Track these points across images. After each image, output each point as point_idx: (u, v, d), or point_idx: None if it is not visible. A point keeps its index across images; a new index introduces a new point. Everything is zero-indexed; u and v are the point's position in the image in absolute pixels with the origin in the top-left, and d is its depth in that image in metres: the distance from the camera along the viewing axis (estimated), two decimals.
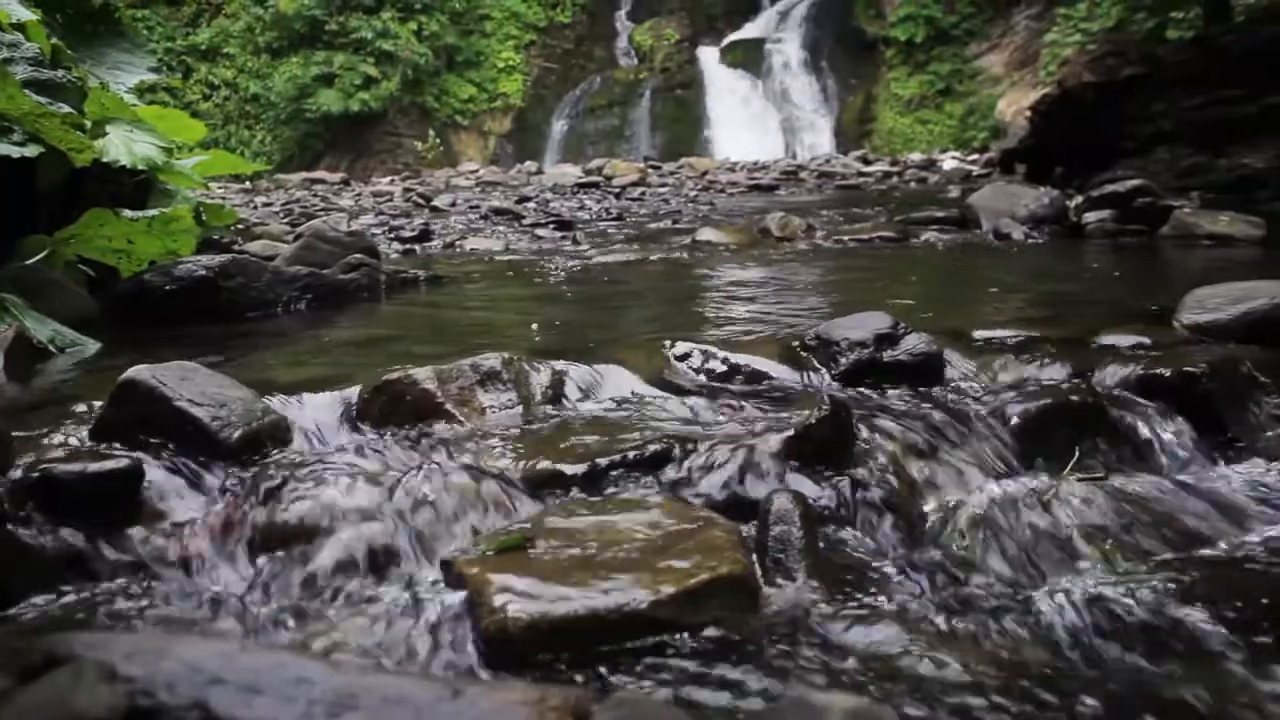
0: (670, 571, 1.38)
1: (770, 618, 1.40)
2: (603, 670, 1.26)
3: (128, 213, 3.60)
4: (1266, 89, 7.90)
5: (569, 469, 1.80)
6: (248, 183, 20.38)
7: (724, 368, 2.44)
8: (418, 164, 29.16)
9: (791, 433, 1.82)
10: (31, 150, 3.26)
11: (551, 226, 8.23)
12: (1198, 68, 8.59)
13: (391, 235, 7.70)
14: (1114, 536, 1.71)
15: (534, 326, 3.40)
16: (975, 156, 20.73)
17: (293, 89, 30.32)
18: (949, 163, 19.95)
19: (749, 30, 32.74)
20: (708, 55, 31.66)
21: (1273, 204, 7.20)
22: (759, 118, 29.54)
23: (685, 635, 1.32)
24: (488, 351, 2.35)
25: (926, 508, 1.81)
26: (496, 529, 1.64)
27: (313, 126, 30.94)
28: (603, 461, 1.81)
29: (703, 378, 2.43)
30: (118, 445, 1.88)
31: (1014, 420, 2.08)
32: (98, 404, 2.04)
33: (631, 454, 1.83)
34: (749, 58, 31.10)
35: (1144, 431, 2.11)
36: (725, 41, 32.22)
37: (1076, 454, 1.99)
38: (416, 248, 6.98)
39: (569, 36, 34.15)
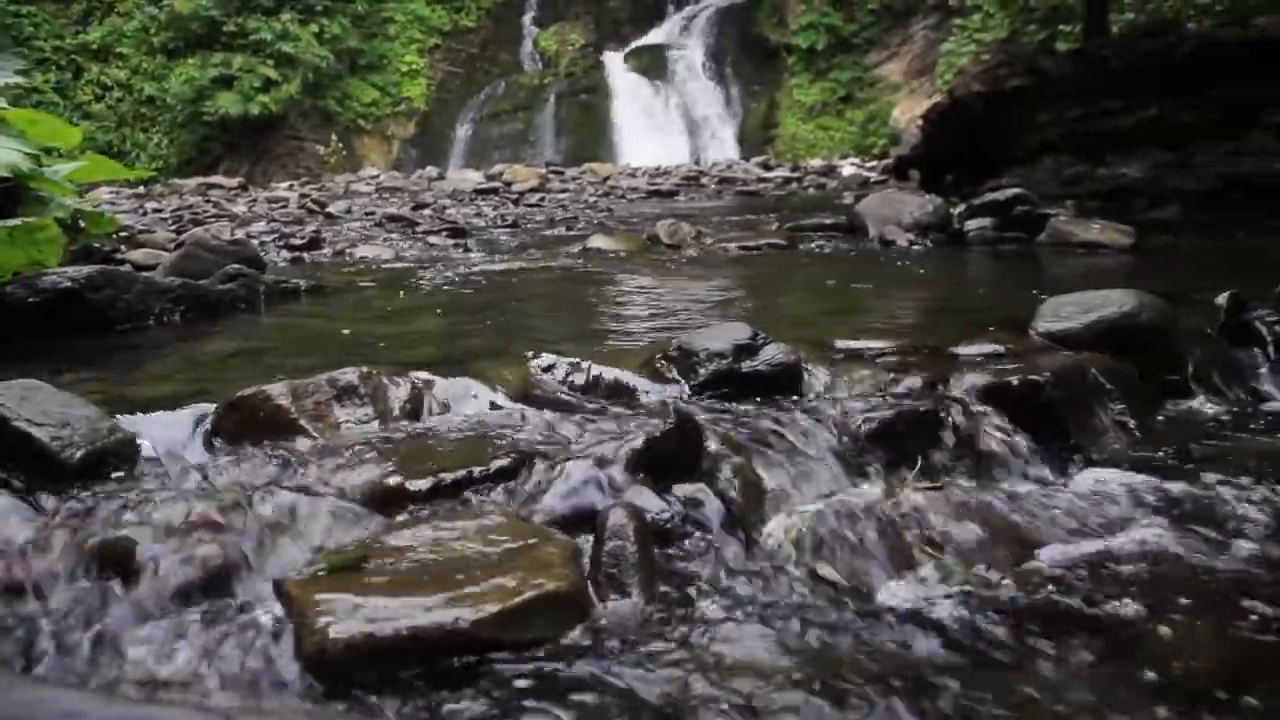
0: (497, 589, 1.38)
1: (598, 634, 1.41)
2: (420, 690, 1.26)
3: None
4: (1142, 102, 8.15)
5: (414, 485, 1.80)
6: (141, 188, 19.89)
7: (586, 380, 2.46)
8: (320, 168, 28.75)
9: (637, 446, 1.84)
10: None
11: (445, 234, 8.18)
12: (1080, 80, 8.83)
13: (281, 243, 7.58)
14: (946, 544, 1.75)
15: (409, 338, 3.38)
16: (874, 163, 21.06)
17: (190, 91, 29.64)
18: (848, 169, 20.26)
19: (654, 36, 32.87)
20: (613, 61, 31.69)
21: (1149, 212, 7.44)
22: (664, 123, 29.63)
23: (507, 654, 1.33)
24: (358, 364, 2.34)
25: (770, 518, 1.84)
26: (333, 548, 1.63)
27: (211, 130, 30.29)
28: (448, 477, 1.81)
29: (565, 390, 2.44)
30: None
31: (862, 430, 2.13)
32: None
33: (478, 470, 1.84)
34: (654, 63, 31.21)
35: (987, 440, 2.17)
36: (630, 47, 32.30)
37: (919, 463, 2.05)
38: (305, 256, 6.89)
39: (474, 41, 33.93)
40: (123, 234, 6.65)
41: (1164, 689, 1.33)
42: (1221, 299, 3.06)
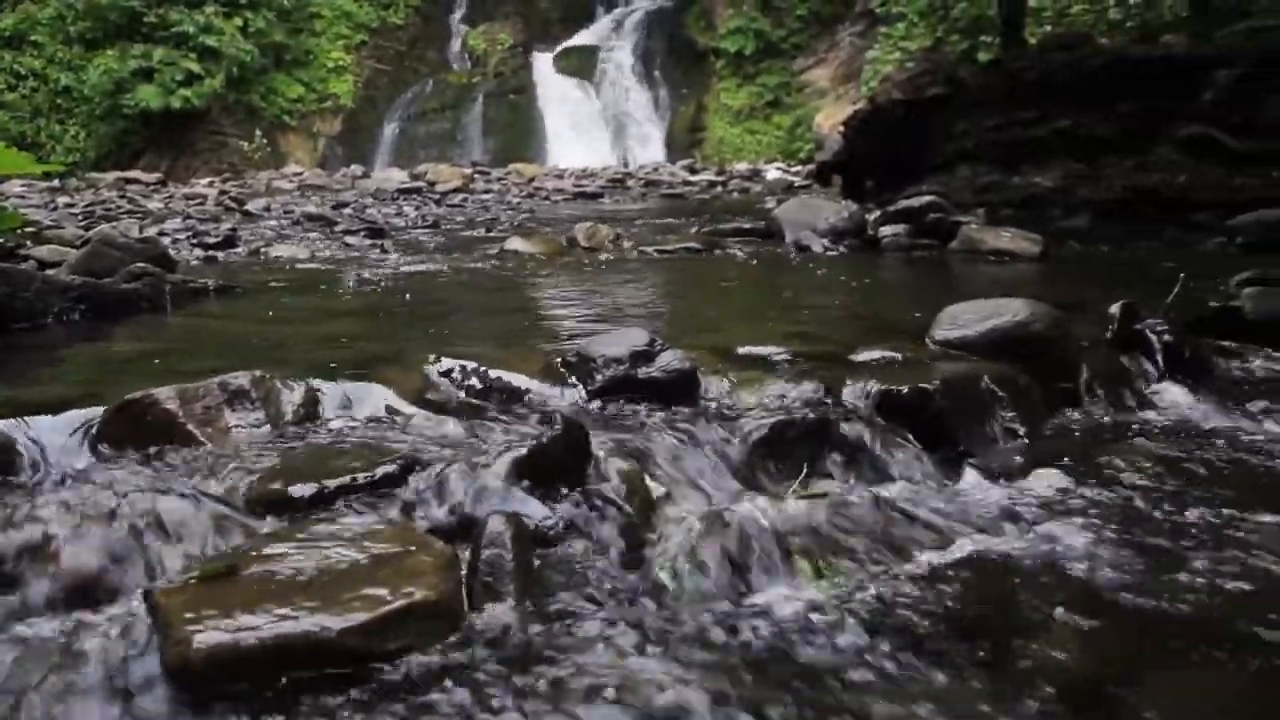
0: (366, 598, 1.37)
1: (470, 643, 1.41)
2: (281, 701, 1.25)
3: None
4: (1055, 113, 8.29)
5: (297, 491, 1.78)
6: (56, 182, 19.43)
7: (483, 384, 2.45)
8: (244, 165, 28.27)
9: (522, 452, 1.84)
10: None
11: (363, 234, 8.10)
12: (996, 90, 8.96)
13: (195, 241, 7.46)
14: (827, 551, 1.77)
15: (314, 340, 3.35)
16: (799, 168, 21.24)
17: (108, 83, 28.89)
18: (773, 173, 20.41)
19: (584, 37, 32.80)
20: (542, 61, 31.59)
21: (1063, 222, 7.58)
22: (592, 125, 29.61)
23: (374, 664, 1.32)
24: (260, 367, 2.32)
25: (654, 524, 1.85)
26: (209, 555, 1.61)
27: (131, 123, 29.53)
28: (332, 484, 1.80)
29: (462, 394, 2.43)
30: None
31: (754, 437, 2.15)
32: None
33: (363, 476, 1.83)
34: (583, 65, 31.17)
35: (875, 447, 2.20)
36: (560, 48, 32.22)
37: (804, 470, 2.07)
38: (219, 255, 6.78)
39: (402, 38, 33.60)
40: (29, 229, 6.50)
41: (1041, 691, 1.36)
42: (1115, 309, 3.13)
